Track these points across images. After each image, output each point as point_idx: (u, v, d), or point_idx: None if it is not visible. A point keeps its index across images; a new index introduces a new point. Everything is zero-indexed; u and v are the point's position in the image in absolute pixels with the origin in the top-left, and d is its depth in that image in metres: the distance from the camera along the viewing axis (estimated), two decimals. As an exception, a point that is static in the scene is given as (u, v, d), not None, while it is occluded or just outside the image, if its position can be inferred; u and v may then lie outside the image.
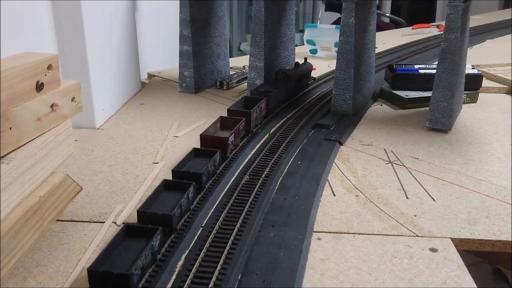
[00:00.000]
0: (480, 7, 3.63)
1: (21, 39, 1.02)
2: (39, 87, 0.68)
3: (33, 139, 0.69)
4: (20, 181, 0.65)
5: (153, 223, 0.67)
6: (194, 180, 0.79)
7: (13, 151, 0.65)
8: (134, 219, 0.72)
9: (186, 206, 0.74)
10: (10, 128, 0.63)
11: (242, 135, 1.05)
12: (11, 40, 0.96)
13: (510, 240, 0.73)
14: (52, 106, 0.71)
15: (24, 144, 0.67)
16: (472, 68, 1.45)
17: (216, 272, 0.62)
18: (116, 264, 0.60)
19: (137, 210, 0.69)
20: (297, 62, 1.52)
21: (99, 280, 0.57)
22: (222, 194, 0.84)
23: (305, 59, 1.57)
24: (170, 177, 0.83)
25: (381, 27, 3.40)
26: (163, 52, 1.90)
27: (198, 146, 0.94)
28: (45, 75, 0.70)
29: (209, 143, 0.94)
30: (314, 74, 1.65)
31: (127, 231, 0.65)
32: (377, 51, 1.67)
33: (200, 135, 0.96)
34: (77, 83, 0.78)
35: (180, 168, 0.84)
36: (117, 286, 0.57)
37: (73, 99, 0.77)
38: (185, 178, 0.79)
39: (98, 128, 1.20)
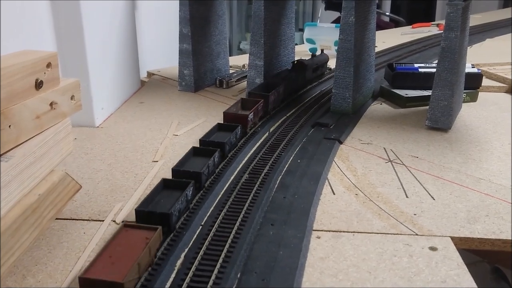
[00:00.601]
0: (480, 6, 3.62)
1: (20, 37, 1.02)
2: (38, 85, 0.68)
3: (32, 137, 0.68)
4: (19, 179, 0.65)
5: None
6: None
7: (12, 149, 0.65)
8: (133, 217, 0.72)
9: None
10: (9, 126, 0.63)
11: (260, 114, 1.16)
12: (10, 38, 0.96)
13: (510, 239, 0.73)
14: (51, 104, 0.71)
15: (23, 142, 0.67)
16: (472, 67, 1.45)
17: (216, 271, 0.62)
18: (158, 207, 0.72)
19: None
20: (313, 54, 1.66)
21: (144, 218, 0.68)
22: (222, 193, 0.84)
23: (322, 50, 1.71)
24: (169, 176, 0.83)
25: (381, 26, 3.40)
26: (162, 51, 1.90)
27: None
28: (44, 73, 0.69)
29: (231, 119, 1.07)
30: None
31: (164, 185, 0.77)
32: (377, 50, 1.67)
33: (224, 112, 1.08)
34: (77, 81, 0.78)
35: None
36: (159, 223, 0.66)
37: (72, 97, 0.77)
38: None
39: (98, 127, 1.20)
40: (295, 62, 1.49)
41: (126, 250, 0.61)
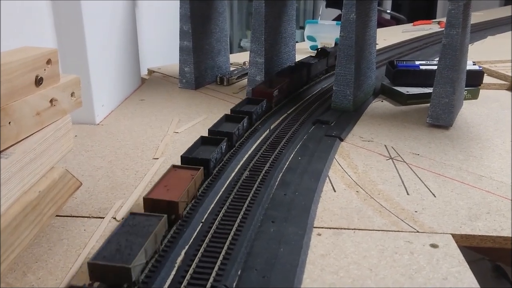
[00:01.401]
0: (481, 4, 3.62)
1: (20, 34, 1.02)
2: (39, 81, 0.68)
3: (32, 134, 0.68)
4: (19, 176, 0.65)
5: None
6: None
7: (12, 145, 0.65)
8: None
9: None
10: (9, 123, 0.63)
11: (285, 93, 1.33)
12: (10, 35, 0.96)
13: (511, 236, 0.73)
14: (51, 101, 0.71)
15: (23, 139, 0.67)
16: (473, 65, 1.44)
17: (216, 268, 0.62)
18: (198, 155, 0.88)
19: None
20: (336, 43, 1.81)
21: (188, 163, 0.84)
22: (222, 190, 0.83)
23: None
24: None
25: (382, 23, 3.39)
26: (163, 48, 1.89)
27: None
28: (45, 69, 0.69)
29: (259, 94, 1.23)
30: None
31: (202, 141, 0.93)
32: (378, 47, 1.67)
33: (252, 88, 1.27)
34: (77, 78, 0.78)
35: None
36: (200, 165, 0.81)
37: (72, 94, 0.77)
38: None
39: (98, 124, 1.19)
40: (319, 49, 1.68)
41: (177, 182, 0.76)
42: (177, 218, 0.71)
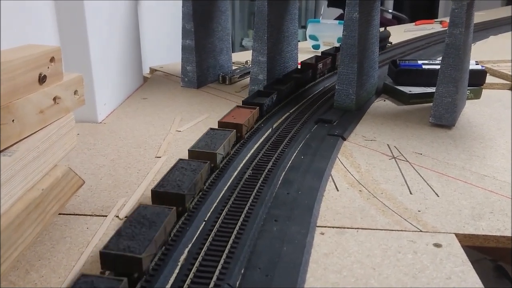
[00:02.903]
0: (484, 4, 3.61)
1: (23, 32, 1.02)
2: (42, 79, 0.68)
3: (35, 132, 0.68)
4: (22, 174, 0.65)
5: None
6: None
7: (15, 143, 0.65)
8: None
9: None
10: (13, 121, 0.63)
11: (327, 67, 1.61)
12: (12, 33, 0.96)
13: (515, 235, 0.73)
14: (54, 99, 0.71)
15: (27, 137, 0.67)
16: (476, 64, 1.44)
17: (219, 266, 0.62)
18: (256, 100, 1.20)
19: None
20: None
21: (249, 103, 1.16)
22: (225, 189, 0.83)
23: (385, 27, 2.09)
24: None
25: (384, 23, 3.38)
26: (165, 47, 1.89)
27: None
28: (48, 67, 0.69)
29: (306, 67, 1.51)
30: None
31: (258, 94, 1.25)
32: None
33: (301, 62, 1.55)
34: (80, 76, 0.77)
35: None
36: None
37: (75, 92, 0.76)
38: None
39: (100, 122, 1.19)
40: None
41: (240, 114, 1.07)
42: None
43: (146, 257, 0.58)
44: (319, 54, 1.66)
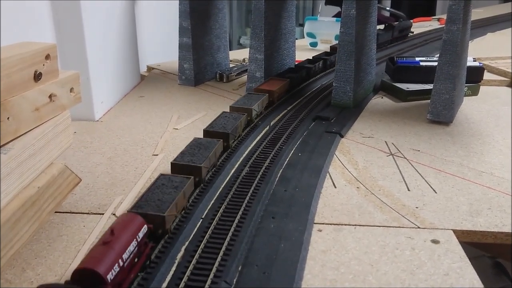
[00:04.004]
0: (481, 1, 3.61)
1: (19, 30, 1.01)
2: (37, 77, 0.67)
3: (31, 130, 0.68)
4: (18, 171, 0.64)
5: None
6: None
7: (11, 141, 0.64)
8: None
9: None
10: (8, 118, 0.62)
11: None
12: (8, 29, 0.95)
13: (513, 231, 0.73)
14: (50, 96, 0.71)
15: (22, 135, 0.66)
16: (474, 61, 1.44)
17: (216, 264, 0.61)
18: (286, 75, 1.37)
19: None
20: (401, 19, 2.42)
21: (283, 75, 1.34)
22: (222, 186, 0.83)
23: (406, 17, 2.29)
24: (169, 169, 0.82)
25: (382, 21, 3.38)
26: (162, 45, 1.89)
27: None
28: (43, 64, 0.69)
29: (334, 49, 1.67)
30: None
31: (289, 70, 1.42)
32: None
33: (331, 46, 1.77)
34: (76, 73, 0.77)
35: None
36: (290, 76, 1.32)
37: (71, 90, 0.76)
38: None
39: (97, 121, 1.19)
40: (387, 24, 2.13)
41: (273, 84, 1.26)
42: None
43: (169, 216, 0.64)
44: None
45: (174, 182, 0.72)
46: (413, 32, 2.35)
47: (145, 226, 0.60)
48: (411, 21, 2.34)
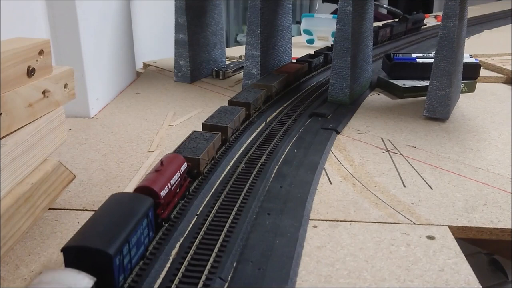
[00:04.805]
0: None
1: (13, 26, 1.00)
2: (30, 72, 0.67)
3: (24, 126, 0.67)
4: (11, 167, 0.64)
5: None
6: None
7: (4, 137, 0.64)
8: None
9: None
10: (1, 114, 0.62)
11: (388, 36, 2.06)
12: (2, 26, 0.95)
13: (508, 227, 0.73)
14: (44, 92, 0.70)
15: (16, 130, 0.66)
16: (470, 58, 1.44)
17: (211, 260, 0.61)
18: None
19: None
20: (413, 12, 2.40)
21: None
22: (218, 182, 0.83)
23: (420, 11, 2.38)
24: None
25: (379, 18, 3.38)
26: (158, 41, 1.88)
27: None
28: (37, 60, 0.68)
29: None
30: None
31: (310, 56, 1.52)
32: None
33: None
34: (70, 69, 0.77)
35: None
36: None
37: (65, 86, 0.76)
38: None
39: (93, 117, 1.18)
40: (401, 16, 2.25)
41: (292, 67, 1.39)
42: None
43: (202, 160, 0.78)
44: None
45: (205, 136, 0.87)
46: (426, 25, 2.50)
47: (185, 163, 0.74)
48: (424, 14, 2.46)
